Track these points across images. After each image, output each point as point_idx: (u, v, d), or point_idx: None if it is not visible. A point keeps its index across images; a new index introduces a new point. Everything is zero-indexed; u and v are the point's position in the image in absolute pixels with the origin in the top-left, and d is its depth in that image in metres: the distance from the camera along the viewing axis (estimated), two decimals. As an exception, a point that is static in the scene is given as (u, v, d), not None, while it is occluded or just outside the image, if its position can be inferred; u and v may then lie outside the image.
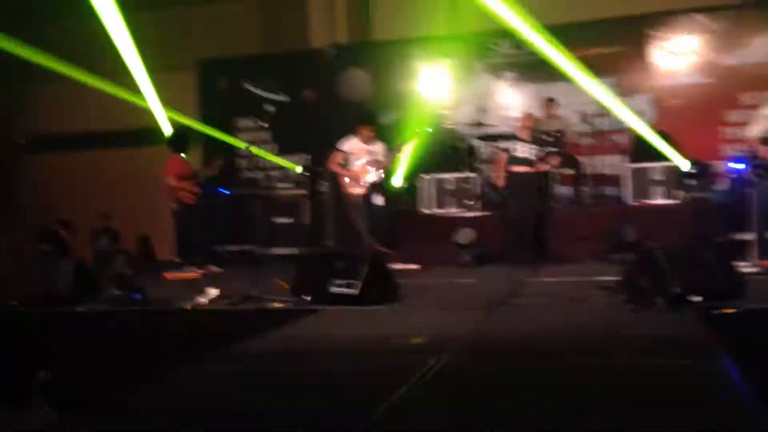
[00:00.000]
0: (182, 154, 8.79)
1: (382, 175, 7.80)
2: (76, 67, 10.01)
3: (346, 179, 7.84)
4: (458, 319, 5.01)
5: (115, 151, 12.46)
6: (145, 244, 11.88)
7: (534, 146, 7.83)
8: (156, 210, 9.63)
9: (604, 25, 10.30)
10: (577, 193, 9.18)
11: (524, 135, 7.87)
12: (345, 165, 7.80)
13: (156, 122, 10.04)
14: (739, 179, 8.47)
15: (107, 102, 10.46)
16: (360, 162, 7.77)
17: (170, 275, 8.35)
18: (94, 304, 6.18)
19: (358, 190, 7.77)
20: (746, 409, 2.72)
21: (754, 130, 6.90)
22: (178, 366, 3.75)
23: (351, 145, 7.82)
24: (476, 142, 9.85)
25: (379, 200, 7.69)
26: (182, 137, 8.93)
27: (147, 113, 10.03)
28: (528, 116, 8.00)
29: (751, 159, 6.90)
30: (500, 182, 8.01)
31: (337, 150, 7.83)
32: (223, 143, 10.83)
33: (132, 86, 9.85)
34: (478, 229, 8.37)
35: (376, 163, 7.72)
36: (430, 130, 7.76)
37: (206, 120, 11.16)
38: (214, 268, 8.82)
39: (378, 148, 7.79)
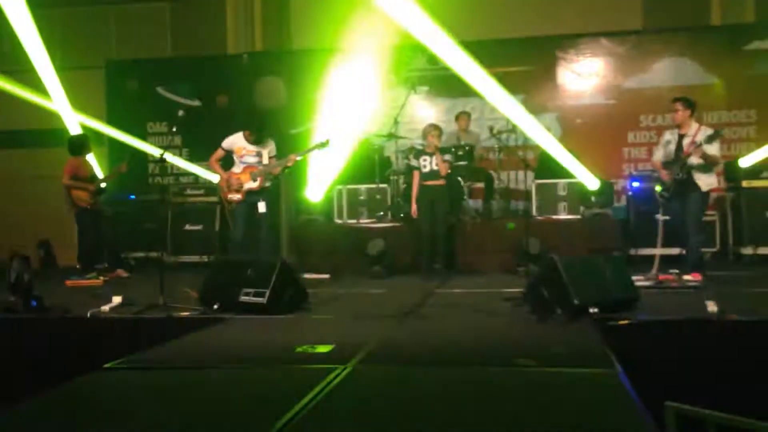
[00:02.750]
0: (81, 157, 8.51)
1: (266, 183, 7.43)
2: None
3: (224, 184, 7.46)
4: (366, 328, 5.04)
5: (15, 151, 11.95)
6: (46, 248, 11.43)
7: (437, 155, 7.94)
8: (59, 213, 9.28)
9: (516, 45, 10.63)
10: (486, 206, 9.39)
11: (431, 149, 7.98)
12: (227, 164, 7.54)
13: (60, 122, 9.72)
14: (636, 197, 8.89)
15: (6, 100, 10.06)
16: (242, 164, 7.43)
17: (71, 282, 8.07)
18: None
19: (234, 196, 7.40)
20: (636, 416, 2.86)
21: (658, 155, 7.24)
22: (74, 375, 3.63)
23: (234, 141, 7.43)
24: (390, 154, 9.95)
25: (261, 207, 7.26)
26: (82, 140, 8.64)
27: (50, 113, 9.69)
28: (435, 129, 8.08)
29: (655, 182, 7.23)
30: (414, 207, 8.04)
31: (220, 147, 7.50)
32: (130, 147, 10.57)
33: (36, 85, 9.52)
34: (389, 240, 8.45)
35: (259, 168, 7.37)
36: (328, 140, 7.49)
37: (113, 122, 10.86)
38: (121, 272, 8.58)
39: (267, 147, 7.43)
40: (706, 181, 6.86)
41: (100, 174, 9.07)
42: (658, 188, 7.13)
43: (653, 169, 8.37)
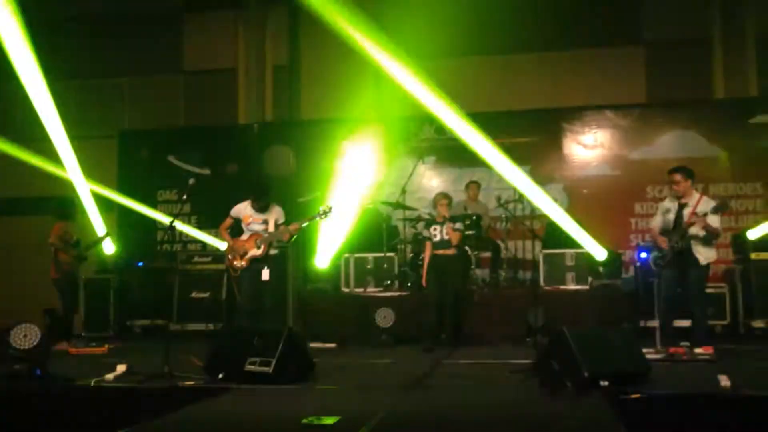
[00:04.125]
0: (67, 221, 8.54)
1: (270, 250, 7.45)
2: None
3: (230, 251, 7.50)
4: (373, 399, 4.98)
5: (23, 219, 12.03)
6: (52, 316, 11.38)
7: (447, 224, 7.95)
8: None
9: (522, 117, 10.77)
10: (493, 276, 9.36)
11: (441, 218, 7.98)
12: (235, 232, 7.60)
13: (70, 190, 9.82)
14: (644, 268, 8.85)
15: (17, 168, 10.22)
16: (249, 231, 7.48)
17: (75, 349, 8.02)
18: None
19: (238, 263, 7.42)
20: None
21: (656, 223, 7.24)
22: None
23: (241, 209, 7.54)
24: (397, 223, 9.99)
25: (265, 275, 7.30)
26: (67, 205, 8.70)
27: (62, 181, 9.81)
28: (444, 197, 8.11)
29: (653, 249, 7.20)
30: (424, 279, 8.02)
31: (229, 215, 7.61)
32: (139, 215, 10.67)
33: (49, 153, 9.67)
34: (396, 309, 8.40)
35: (263, 236, 7.38)
36: (330, 207, 7.50)
37: (124, 190, 10.98)
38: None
39: (274, 214, 7.49)
40: (705, 255, 6.81)
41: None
42: (653, 254, 7.09)
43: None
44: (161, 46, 12.39)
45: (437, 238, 7.97)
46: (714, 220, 6.70)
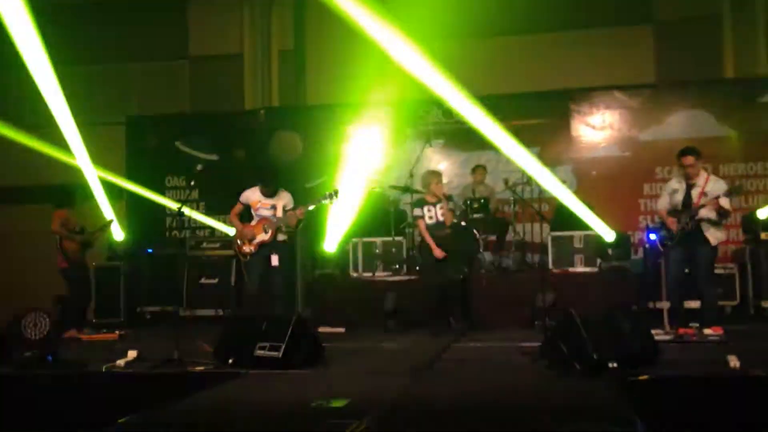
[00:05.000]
0: (68, 209, 8.54)
1: (279, 235, 7.42)
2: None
3: (238, 237, 7.49)
4: (382, 383, 5.00)
5: (34, 207, 12.09)
6: (64, 304, 11.46)
7: (441, 204, 7.84)
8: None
9: (530, 98, 10.70)
10: (497, 258, 9.34)
11: (435, 198, 7.83)
12: (245, 218, 7.59)
13: (80, 178, 9.85)
14: (653, 249, 8.82)
15: (25, 155, 10.25)
16: (258, 217, 7.47)
17: (87, 336, 8.07)
18: (3, 366, 5.91)
19: (247, 248, 7.42)
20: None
21: (663, 203, 7.20)
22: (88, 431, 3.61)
23: (250, 195, 7.52)
24: (405, 207, 9.97)
25: (274, 260, 7.32)
26: (68, 191, 8.69)
27: (69, 168, 9.83)
28: (437, 175, 7.98)
29: (661, 230, 7.17)
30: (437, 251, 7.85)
31: (238, 201, 7.59)
32: (147, 201, 10.70)
33: (57, 140, 9.69)
34: (405, 293, 8.40)
35: (271, 221, 7.37)
36: (337, 191, 7.43)
37: (133, 177, 11.00)
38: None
39: (282, 199, 7.49)
40: (716, 235, 6.80)
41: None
42: (662, 233, 7.07)
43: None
44: (167, 32, 12.38)
45: (433, 221, 7.77)
46: (725, 202, 6.68)
